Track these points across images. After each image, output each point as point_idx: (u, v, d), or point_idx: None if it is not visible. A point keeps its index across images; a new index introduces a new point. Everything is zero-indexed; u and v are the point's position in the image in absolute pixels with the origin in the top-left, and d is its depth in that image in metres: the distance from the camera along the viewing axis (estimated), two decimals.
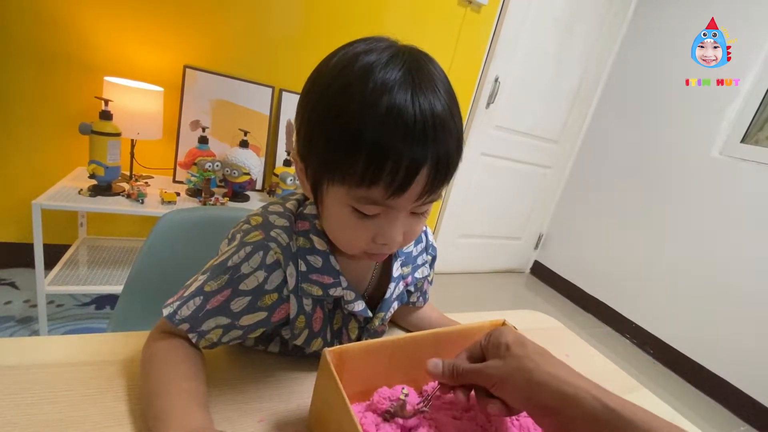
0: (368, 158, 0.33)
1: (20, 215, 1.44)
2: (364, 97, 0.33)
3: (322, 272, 0.44)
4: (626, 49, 2.30)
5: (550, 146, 2.43)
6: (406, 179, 0.34)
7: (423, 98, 0.34)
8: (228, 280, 0.40)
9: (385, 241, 0.39)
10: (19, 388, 0.38)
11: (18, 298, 1.38)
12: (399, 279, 0.52)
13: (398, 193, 0.35)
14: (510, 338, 0.38)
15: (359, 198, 0.36)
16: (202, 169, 1.39)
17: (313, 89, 0.38)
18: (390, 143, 0.33)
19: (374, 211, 0.37)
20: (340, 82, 0.35)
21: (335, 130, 0.35)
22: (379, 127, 0.33)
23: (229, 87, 1.54)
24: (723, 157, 1.86)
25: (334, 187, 0.37)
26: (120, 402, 0.39)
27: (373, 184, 0.34)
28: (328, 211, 0.40)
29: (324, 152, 0.36)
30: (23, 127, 1.38)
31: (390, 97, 0.33)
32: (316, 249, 0.44)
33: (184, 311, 0.41)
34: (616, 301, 2.24)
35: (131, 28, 1.40)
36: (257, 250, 0.41)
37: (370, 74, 0.34)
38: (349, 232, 0.40)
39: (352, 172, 0.34)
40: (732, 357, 1.75)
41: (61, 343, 0.45)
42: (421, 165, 0.34)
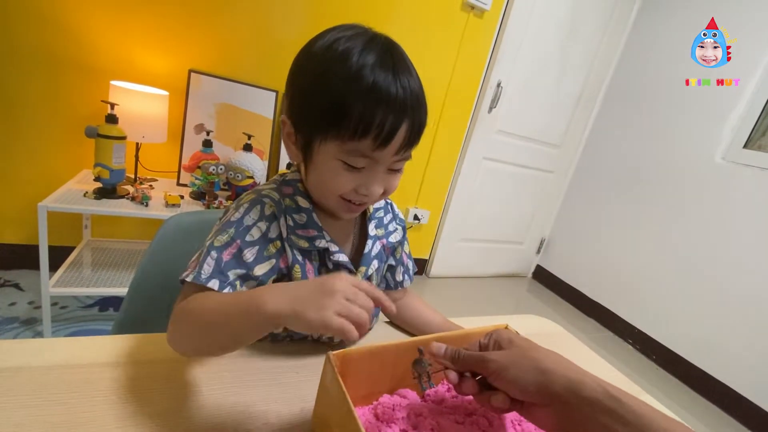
0: (361, 112, 0.41)
1: (26, 217, 1.46)
2: (354, 69, 0.41)
3: (306, 227, 0.50)
4: (628, 54, 2.30)
5: (552, 151, 2.43)
6: (391, 132, 0.42)
7: (402, 75, 0.42)
8: (235, 233, 0.45)
9: (366, 192, 0.46)
10: (26, 390, 0.38)
11: (22, 300, 1.38)
12: (375, 238, 0.57)
13: (383, 145, 0.42)
14: (513, 335, 0.40)
15: (350, 150, 0.43)
16: (206, 172, 1.40)
17: (305, 66, 0.45)
18: (378, 98, 0.41)
19: (361, 164, 0.44)
20: (330, 57, 0.42)
21: (329, 94, 0.42)
22: (369, 92, 0.41)
23: (233, 91, 1.56)
24: (726, 163, 1.85)
25: (326, 144, 0.43)
26: (127, 403, 0.39)
27: (364, 136, 0.41)
28: (317, 166, 0.46)
29: (319, 115, 0.43)
30: (30, 130, 1.39)
31: (375, 72, 0.41)
32: (300, 207, 0.50)
33: (206, 269, 0.42)
34: (618, 305, 2.23)
35: (137, 32, 1.41)
36: (254, 204, 0.47)
37: (352, 52, 0.41)
38: (335, 181, 0.45)
39: (346, 127, 0.41)
40: (735, 363, 1.74)
41: (66, 345, 0.45)
42: (403, 120, 0.42)
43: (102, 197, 1.25)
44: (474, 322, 0.59)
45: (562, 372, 0.34)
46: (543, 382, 0.34)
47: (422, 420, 0.41)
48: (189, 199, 1.42)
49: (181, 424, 0.38)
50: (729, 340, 1.77)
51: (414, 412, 0.42)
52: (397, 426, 0.40)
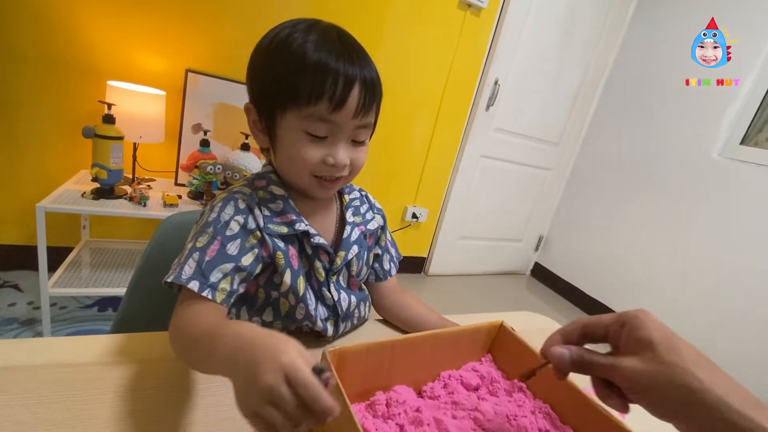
0: (313, 76, 0.43)
1: (24, 218, 1.46)
2: (301, 40, 0.44)
3: (284, 213, 0.51)
4: (626, 50, 2.31)
5: (550, 148, 2.44)
6: (344, 92, 0.44)
7: (346, 39, 0.47)
8: (214, 231, 0.46)
9: (333, 160, 0.47)
10: (27, 388, 0.38)
11: (22, 300, 1.39)
12: (353, 225, 0.59)
13: (339, 107, 0.44)
14: (655, 335, 0.31)
15: (308, 116, 0.45)
16: (203, 172, 1.40)
17: (257, 56, 0.48)
18: (326, 62, 0.43)
19: (322, 131, 0.46)
20: (278, 41, 0.46)
21: (282, 68, 0.45)
22: (316, 52, 0.44)
23: (230, 90, 1.55)
24: (722, 159, 1.86)
25: (287, 116, 0.46)
26: (125, 402, 0.39)
27: (318, 99, 0.44)
28: (283, 142, 0.48)
29: (275, 87, 0.46)
30: (27, 130, 1.39)
31: (322, 39, 0.45)
32: (275, 195, 0.51)
33: (187, 270, 0.43)
34: (616, 302, 2.24)
35: (134, 32, 1.41)
36: (227, 202, 0.49)
37: (297, 30, 0.45)
38: (301, 154, 0.47)
39: (300, 92, 0.44)
40: (733, 359, 1.75)
41: (66, 344, 0.46)
42: (354, 80, 0.44)
43: (100, 197, 1.25)
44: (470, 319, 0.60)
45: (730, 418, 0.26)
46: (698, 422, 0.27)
47: (419, 415, 0.41)
48: (187, 199, 1.43)
49: (179, 422, 0.39)
50: (725, 335, 1.78)
51: (411, 407, 0.42)
52: (394, 422, 0.40)
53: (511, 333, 0.51)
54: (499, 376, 0.50)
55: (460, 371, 0.50)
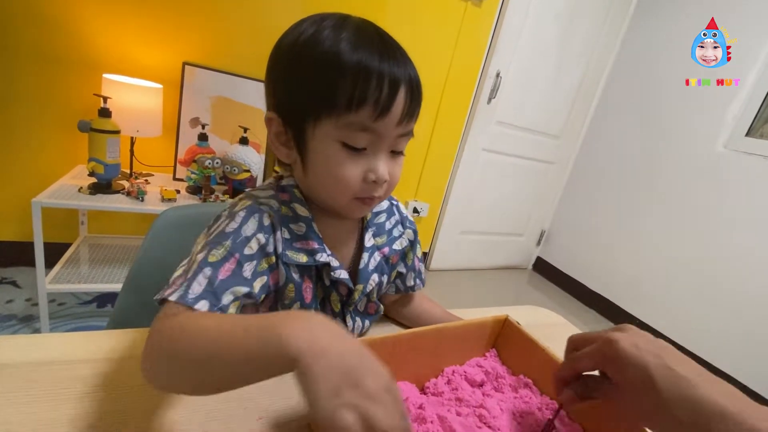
0: (354, 78, 0.37)
1: (21, 214, 1.44)
2: (335, 39, 0.38)
3: (306, 238, 0.45)
4: (629, 43, 2.27)
5: (552, 142, 2.41)
6: (390, 96, 0.38)
7: (386, 37, 0.41)
8: (232, 246, 0.39)
9: (375, 176, 0.41)
10: (16, 387, 0.37)
11: (20, 297, 1.38)
12: (373, 249, 0.52)
13: (384, 113, 0.39)
14: (655, 371, 0.31)
15: (348, 124, 0.39)
16: (202, 166, 1.38)
17: (281, 57, 0.42)
18: (368, 63, 0.38)
19: (362, 142, 0.40)
20: (305, 39, 0.40)
21: (314, 70, 0.39)
22: (354, 51, 0.38)
23: (228, 84, 1.53)
24: (728, 151, 1.84)
25: (321, 125, 0.40)
26: (118, 400, 0.38)
27: (361, 105, 0.38)
28: (315, 157, 0.42)
29: (305, 93, 0.40)
30: (23, 125, 1.37)
31: (359, 38, 0.39)
32: (299, 216, 0.45)
33: (196, 288, 0.35)
34: (618, 297, 2.22)
35: (130, 24, 1.39)
36: (251, 214, 0.42)
37: (326, 28, 0.39)
38: (339, 171, 0.41)
39: (340, 97, 0.38)
40: (736, 353, 1.74)
41: (59, 340, 0.44)
42: (400, 82, 0.39)
43: (97, 192, 1.24)
44: (474, 313, 0.58)
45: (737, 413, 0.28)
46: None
47: (422, 413, 0.40)
48: (185, 194, 1.41)
49: (174, 420, 0.37)
50: (732, 330, 1.77)
51: (414, 404, 0.41)
52: None
53: (516, 327, 0.50)
54: (504, 372, 0.49)
55: (464, 367, 0.49)
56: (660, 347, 0.33)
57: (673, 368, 0.31)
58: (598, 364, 0.35)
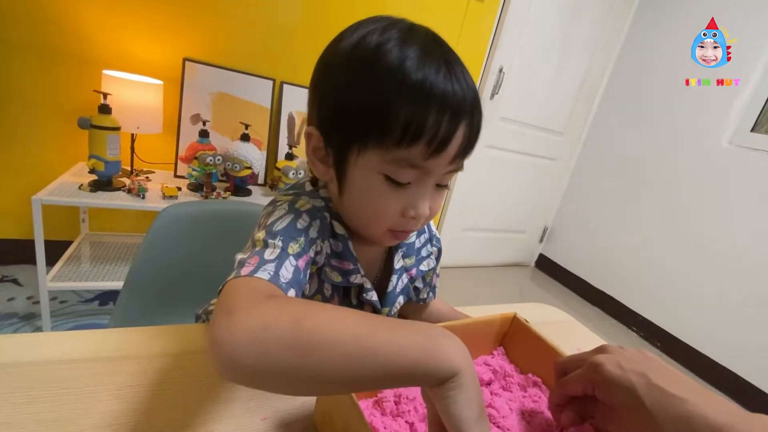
0: (410, 110, 0.33)
1: (21, 211, 1.43)
2: (397, 61, 0.33)
3: (342, 258, 0.43)
4: (632, 38, 2.25)
5: (555, 138, 2.40)
6: (448, 133, 0.34)
7: (455, 66, 0.35)
8: (305, 243, 0.37)
9: (415, 212, 0.38)
10: (16, 387, 0.36)
11: (21, 295, 1.37)
12: (402, 271, 0.50)
13: (439, 151, 0.35)
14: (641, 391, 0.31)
15: (396, 160, 0.35)
16: (203, 163, 1.37)
17: (333, 68, 0.37)
18: (431, 91, 0.33)
19: (408, 178, 0.36)
20: (365, 50, 0.35)
21: (370, 90, 0.34)
22: (419, 87, 0.33)
23: (229, 80, 1.52)
24: (732, 147, 1.82)
25: (366, 154, 0.36)
26: (119, 400, 0.37)
27: (415, 141, 0.34)
28: (354, 184, 0.38)
29: (356, 121, 0.35)
30: (22, 122, 1.36)
31: (424, 63, 0.33)
32: (337, 234, 0.43)
33: (285, 274, 0.33)
34: (622, 293, 2.21)
35: (129, 20, 1.37)
36: (314, 217, 0.40)
37: (389, 43, 0.34)
38: (378, 204, 0.38)
39: (392, 129, 0.33)
40: (741, 349, 1.73)
41: (60, 339, 0.44)
42: (462, 116, 0.34)
43: (98, 190, 1.23)
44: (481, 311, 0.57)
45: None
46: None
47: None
48: (187, 191, 1.40)
49: (176, 420, 0.37)
50: (735, 326, 1.76)
51: (421, 404, 0.40)
52: (404, 419, 0.38)
53: (524, 325, 0.49)
54: (512, 370, 0.48)
55: None
56: (644, 364, 0.33)
57: (659, 386, 0.31)
58: (587, 388, 0.35)
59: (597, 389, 0.34)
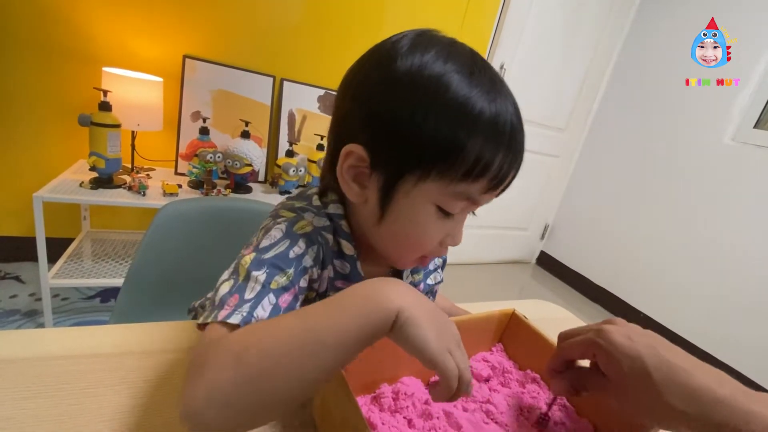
0: (481, 152, 0.33)
1: (24, 209, 1.44)
2: (467, 96, 0.33)
3: (349, 279, 0.41)
4: (635, 34, 2.24)
5: (557, 135, 2.39)
6: (509, 168, 0.35)
7: (514, 102, 0.36)
8: (294, 275, 0.35)
9: (454, 241, 0.39)
10: (16, 382, 0.37)
11: (23, 292, 1.38)
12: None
13: (497, 186, 0.36)
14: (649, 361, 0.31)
15: (456, 193, 0.35)
16: (203, 160, 1.37)
17: (391, 93, 0.34)
18: (503, 128, 0.33)
19: (459, 209, 0.37)
20: (431, 86, 0.33)
21: (440, 121, 0.33)
22: (491, 125, 0.33)
23: (229, 77, 1.52)
24: (736, 144, 1.81)
25: (424, 185, 0.34)
26: (119, 396, 0.38)
27: (480, 176, 0.34)
28: (401, 213, 0.36)
29: (422, 151, 0.33)
30: (23, 119, 1.36)
31: (494, 100, 0.33)
32: (344, 254, 0.41)
33: (261, 313, 0.32)
34: (623, 291, 2.21)
35: (130, 17, 1.37)
36: (312, 243, 0.38)
37: (454, 76, 0.33)
38: (423, 234, 0.37)
39: (461, 163, 0.33)
40: (742, 346, 1.73)
41: (56, 336, 0.44)
42: (521, 152, 0.36)
43: (98, 187, 1.23)
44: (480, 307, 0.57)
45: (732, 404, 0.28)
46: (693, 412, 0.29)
47: (428, 408, 0.39)
48: (187, 188, 1.40)
49: (175, 416, 0.37)
50: (737, 324, 1.75)
51: (419, 400, 0.40)
52: (402, 415, 0.38)
53: (523, 321, 0.49)
54: (511, 367, 0.48)
55: (470, 361, 0.48)
56: (652, 338, 0.33)
57: (667, 358, 0.31)
58: (589, 353, 0.35)
59: (601, 356, 0.34)
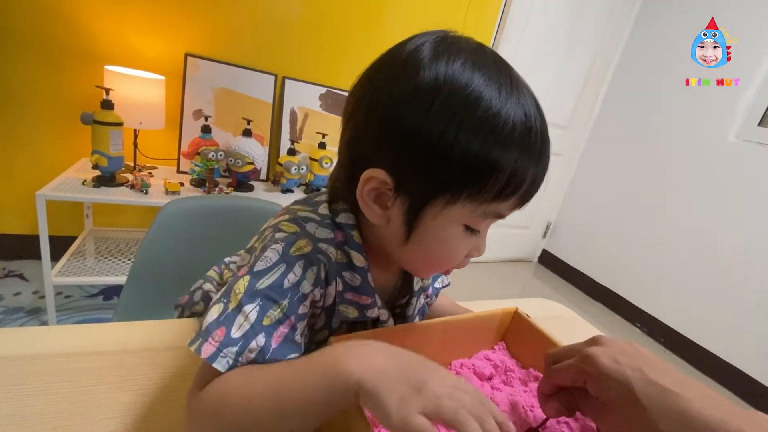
0: (514, 170, 0.32)
1: (27, 207, 1.44)
2: (498, 112, 0.31)
3: (360, 291, 0.40)
4: (638, 31, 2.22)
5: (559, 132, 2.38)
6: (536, 185, 0.34)
7: (539, 111, 0.34)
8: (289, 306, 0.34)
9: (479, 253, 0.38)
10: (19, 380, 0.37)
11: (27, 290, 1.38)
12: (420, 292, 0.48)
13: (522, 204, 0.35)
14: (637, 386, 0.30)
15: (487, 213, 0.34)
16: (205, 158, 1.37)
17: (417, 109, 0.31)
18: (533, 143, 0.32)
19: (485, 226, 0.36)
20: (458, 100, 0.31)
21: (481, 151, 0.31)
22: (524, 142, 0.32)
23: (231, 75, 1.52)
24: (739, 142, 1.80)
25: (453, 207, 0.33)
26: (122, 393, 0.38)
27: (511, 195, 0.33)
28: (428, 235, 0.35)
29: (452, 173, 0.32)
30: (25, 117, 1.37)
31: (526, 114, 0.32)
32: (354, 266, 0.39)
33: (247, 358, 0.31)
34: (625, 289, 2.20)
35: (131, 16, 1.37)
36: (310, 265, 0.36)
37: (484, 89, 0.31)
38: (451, 253, 0.37)
39: (491, 187, 0.32)
40: (744, 345, 1.72)
41: (58, 333, 0.44)
42: (547, 165, 0.35)
43: (101, 185, 1.24)
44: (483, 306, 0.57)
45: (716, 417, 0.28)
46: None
47: None
48: (189, 187, 1.40)
49: (177, 415, 0.37)
50: (740, 322, 1.74)
51: None
52: None
53: (526, 320, 0.49)
54: (513, 365, 0.48)
55: (473, 360, 0.48)
56: (639, 359, 0.32)
57: (655, 381, 0.30)
58: (578, 380, 0.34)
59: (589, 382, 0.33)
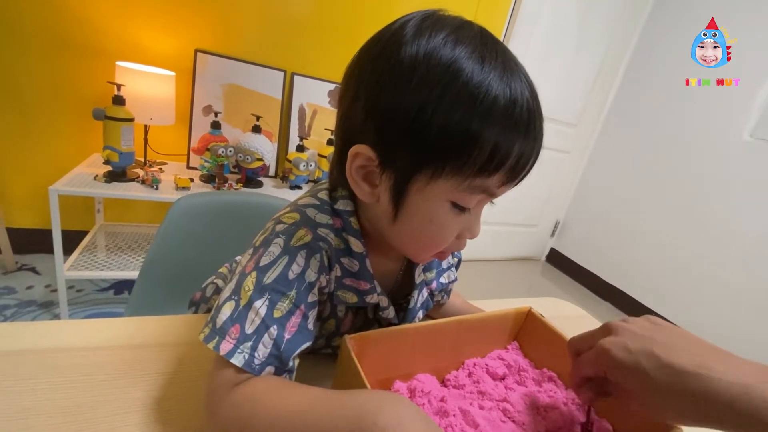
0: (498, 143, 0.31)
1: (39, 202, 1.46)
2: (481, 83, 0.30)
3: (358, 277, 0.40)
4: (650, 28, 2.18)
5: (568, 130, 2.35)
6: (525, 159, 0.33)
7: (530, 84, 0.33)
8: (297, 296, 0.34)
9: (472, 234, 0.38)
10: (36, 373, 0.37)
11: (39, 283, 1.40)
12: (422, 285, 0.47)
13: (513, 178, 0.34)
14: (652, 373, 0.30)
15: (472, 188, 0.33)
16: (215, 154, 1.38)
17: (398, 84, 0.31)
18: (519, 116, 0.31)
19: (475, 202, 0.35)
20: (440, 73, 0.30)
21: (461, 123, 0.30)
22: (507, 113, 0.31)
23: (240, 71, 1.52)
24: (754, 140, 1.76)
25: (438, 182, 0.32)
26: (136, 387, 0.38)
27: (498, 169, 0.32)
28: (415, 212, 0.35)
29: (434, 146, 0.31)
30: (38, 114, 1.38)
31: (509, 84, 0.31)
32: (352, 251, 0.39)
33: (262, 351, 0.31)
34: (635, 289, 2.18)
35: (142, 11, 1.38)
36: (313, 254, 0.36)
37: (465, 61, 0.30)
38: (440, 231, 0.36)
39: (477, 157, 0.31)
40: (759, 346, 1.70)
41: (74, 327, 0.44)
42: (538, 140, 0.34)
43: (112, 180, 1.25)
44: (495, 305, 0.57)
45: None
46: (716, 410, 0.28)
47: (444, 405, 0.39)
48: (199, 182, 1.41)
49: (191, 409, 0.37)
50: (754, 323, 1.72)
51: (435, 397, 0.40)
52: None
53: (540, 319, 0.48)
54: (526, 365, 0.48)
55: (486, 359, 0.47)
56: (652, 339, 0.32)
57: (671, 365, 0.30)
58: (600, 372, 0.35)
59: (609, 374, 0.34)
